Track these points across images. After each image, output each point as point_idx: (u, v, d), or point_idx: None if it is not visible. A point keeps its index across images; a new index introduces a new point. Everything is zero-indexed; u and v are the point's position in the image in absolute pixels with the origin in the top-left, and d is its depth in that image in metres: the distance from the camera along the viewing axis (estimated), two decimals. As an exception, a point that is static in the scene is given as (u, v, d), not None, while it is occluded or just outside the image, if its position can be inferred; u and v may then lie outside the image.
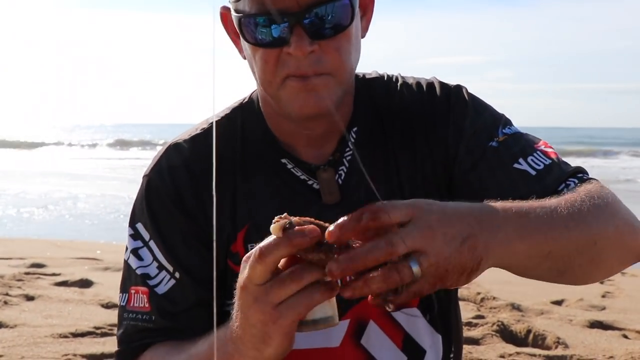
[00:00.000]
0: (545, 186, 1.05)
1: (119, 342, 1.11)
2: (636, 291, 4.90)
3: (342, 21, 1.00)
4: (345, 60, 1.03)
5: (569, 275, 0.96)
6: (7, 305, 4.18)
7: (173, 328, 1.07)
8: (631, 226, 1.02)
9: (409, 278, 0.78)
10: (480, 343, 3.53)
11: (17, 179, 14.85)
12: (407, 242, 0.77)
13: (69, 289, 4.70)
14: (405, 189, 1.14)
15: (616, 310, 4.33)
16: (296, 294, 0.79)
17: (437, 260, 0.78)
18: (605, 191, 1.03)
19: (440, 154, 1.14)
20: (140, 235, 1.13)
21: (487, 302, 4.32)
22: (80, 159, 23.02)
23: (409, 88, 1.19)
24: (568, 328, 3.84)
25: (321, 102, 1.02)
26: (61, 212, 9.80)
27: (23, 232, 7.92)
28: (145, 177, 1.16)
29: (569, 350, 3.42)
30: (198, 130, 1.17)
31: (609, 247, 0.98)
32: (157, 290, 1.09)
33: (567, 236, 0.91)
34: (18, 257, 5.83)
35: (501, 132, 1.13)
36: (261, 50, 1.02)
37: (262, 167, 1.14)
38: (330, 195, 1.12)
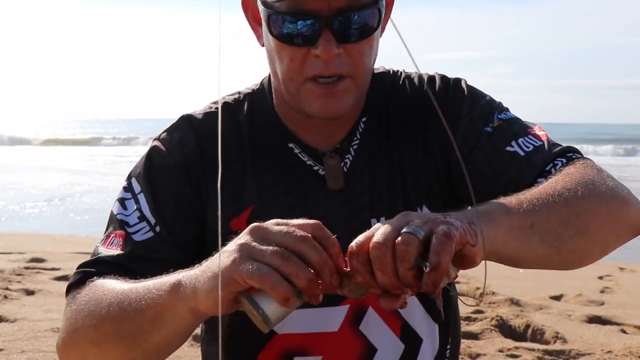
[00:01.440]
0: (533, 166, 1.08)
1: (78, 267, 1.07)
2: (635, 286, 4.91)
3: (369, 27, 1.04)
4: (366, 63, 1.07)
5: (565, 251, 0.96)
6: (7, 299, 4.18)
7: (132, 270, 1.03)
8: (620, 199, 1.02)
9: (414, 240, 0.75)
10: (479, 338, 3.54)
11: (17, 174, 14.86)
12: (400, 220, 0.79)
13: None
14: (408, 179, 1.17)
15: (615, 305, 4.33)
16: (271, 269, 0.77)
17: (428, 218, 0.79)
18: (589, 169, 1.04)
19: (439, 143, 1.17)
20: (132, 188, 1.14)
21: (486, 297, 4.32)
22: (80, 155, 23.02)
23: (411, 82, 1.23)
24: (567, 323, 3.84)
25: (341, 106, 1.07)
26: (60, 208, 9.80)
27: (23, 227, 7.92)
28: (155, 140, 1.18)
29: (568, 345, 3.42)
30: (212, 109, 1.20)
31: (596, 220, 0.98)
32: (134, 237, 1.08)
33: (546, 211, 0.93)
34: (18, 251, 5.83)
35: (496, 118, 1.16)
36: (288, 48, 1.04)
37: (270, 150, 1.16)
38: (334, 182, 1.15)
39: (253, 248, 0.79)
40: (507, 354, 3.27)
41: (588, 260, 1.02)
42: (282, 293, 0.77)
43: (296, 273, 0.77)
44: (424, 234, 0.76)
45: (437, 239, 0.75)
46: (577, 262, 1.01)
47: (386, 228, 0.78)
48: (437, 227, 0.76)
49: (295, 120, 1.16)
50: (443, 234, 0.75)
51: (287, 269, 0.77)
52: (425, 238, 0.76)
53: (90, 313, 0.96)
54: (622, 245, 1.07)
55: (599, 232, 1.00)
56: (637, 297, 4.57)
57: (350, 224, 1.11)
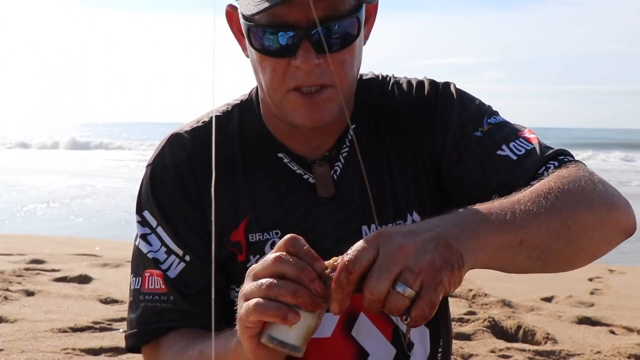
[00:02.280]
0: (525, 170, 1.06)
1: (135, 324, 1.11)
2: (623, 288, 4.92)
3: (348, 36, 1.02)
4: (348, 72, 1.05)
5: (552, 261, 0.94)
6: (8, 300, 4.17)
7: (189, 311, 1.08)
8: (610, 204, 1.00)
9: (405, 301, 0.77)
10: (471, 338, 3.54)
11: (19, 176, 14.82)
12: (392, 272, 0.77)
13: (69, 285, 4.69)
14: (397, 185, 1.16)
15: (604, 306, 4.34)
16: (259, 301, 0.80)
17: (422, 267, 0.78)
18: (580, 173, 1.01)
19: (429, 147, 1.16)
20: (148, 222, 1.14)
21: (478, 299, 4.33)
22: (78, 158, 22.96)
23: (400, 87, 1.21)
24: (557, 324, 3.85)
25: (324, 116, 1.05)
26: (61, 210, 9.78)
27: (23, 229, 7.90)
28: (149, 167, 1.18)
29: (558, 346, 3.43)
30: (199, 123, 1.19)
31: (586, 229, 0.96)
32: (169, 274, 1.10)
33: (536, 225, 0.90)
34: (18, 253, 5.81)
35: (486, 122, 1.14)
36: (269, 60, 1.03)
37: (260, 161, 1.16)
38: (325, 189, 1.14)
39: (245, 292, 0.83)
40: (499, 354, 3.27)
41: (576, 266, 1.00)
42: (276, 314, 0.79)
43: (277, 293, 0.79)
44: (414, 294, 0.78)
45: (419, 309, 0.77)
46: (564, 269, 0.99)
47: (382, 277, 0.77)
48: (425, 289, 0.77)
49: (283, 130, 1.15)
50: (427, 304, 0.77)
51: (271, 293, 0.80)
52: (415, 295, 0.78)
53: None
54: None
55: (589, 241, 0.98)
56: (626, 298, 4.59)
57: (341, 231, 1.12)
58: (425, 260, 0.78)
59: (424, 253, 0.78)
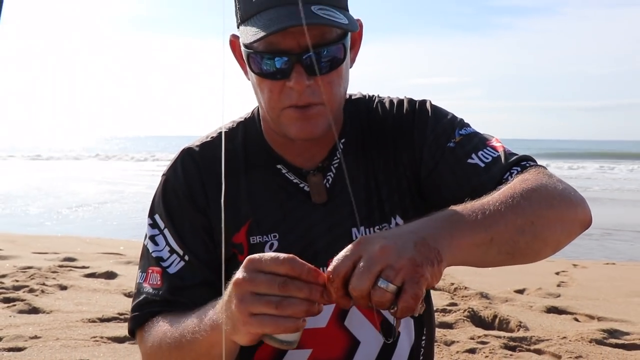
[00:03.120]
0: (492, 176, 1.06)
1: (133, 310, 1.13)
2: (586, 281, 4.93)
3: (335, 60, 1.03)
4: (336, 92, 1.05)
5: (519, 255, 0.94)
6: (44, 293, 4.17)
7: (177, 301, 1.08)
8: (568, 201, 0.99)
9: (388, 295, 0.77)
10: (453, 327, 3.54)
11: (55, 184, 14.81)
12: (372, 270, 0.77)
13: (97, 280, 4.69)
14: (382, 192, 1.16)
15: (569, 297, 4.34)
16: (273, 316, 0.80)
17: (403, 264, 0.77)
18: (541, 175, 1.01)
19: (408, 158, 1.16)
20: (157, 224, 1.15)
21: (459, 292, 4.33)
22: (111, 168, 22.96)
23: (383, 106, 1.21)
24: (528, 313, 3.85)
25: (315, 129, 1.05)
26: (90, 214, 9.78)
27: (58, 230, 7.90)
28: (164, 176, 1.19)
29: (529, 332, 3.43)
30: (208, 139, 1.20)
31: (549, 224, 0.95)
32: (169, 270, 1.11)
33: (504, 223, 0.90)
34: (53, 252, 5.81)
35: (457, 134, 1.14)
36: (267, 82, 1.03)
37: (261, 172, 1.16)
38: (318, 196, 1.14)
39: (250, 303, 0.81)
40: (477, 341, 3.27)
41: (541, 258, 1.00)
42: (290, 329, 0.80)
43: (292, 312, 0.79)
44: (396, 288, 0.77)
45: (404, 302, 0.77)
46: (531, 261, 0.99)
47: (363, 277, 0.77)
48: (408, 284, 0.77)
49: (281, 144, 1.15)
50: (411, 296, 0.76)
51: (285, 313, 0.79)
52: (398, 288, 0.77)
53: (157, 353, 1.04)
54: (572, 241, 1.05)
55: (552, 234, 0.97)
56: (588, 290, 4.59)
57: (333, 233, 1.12)
58: (405, 257, 0.77)
59: (403, 251, 0.78)
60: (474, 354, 3.10)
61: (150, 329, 1.07)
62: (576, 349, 3.19)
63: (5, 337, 3.22)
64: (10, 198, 11.61)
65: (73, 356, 2.95)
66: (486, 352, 3.10)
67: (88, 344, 3.17)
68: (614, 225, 8.37)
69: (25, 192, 12.85)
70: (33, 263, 5.13)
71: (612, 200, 12.27)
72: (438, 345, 3.21)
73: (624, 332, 3.47)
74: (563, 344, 3.24)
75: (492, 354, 3.08)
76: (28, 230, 7.70)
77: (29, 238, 6.76)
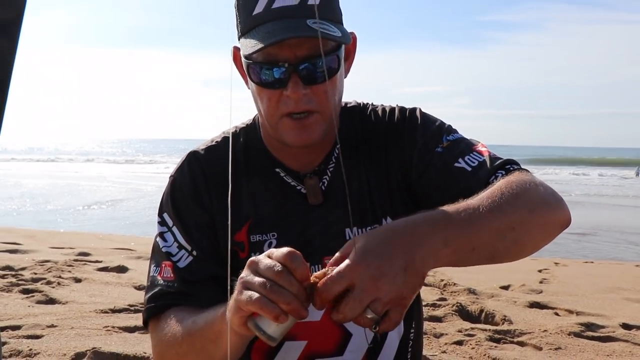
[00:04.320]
0: (479, 179, 1.04)
1: (149, 301, 1.10)
2: (566, 277, 4.93)
3: (331, 70, 1.02)
4: (331, 100, 1.04)
5: (498, 258, 0.92)
6: (60, 285, 4.16)
7: (189, 294, 1.07)
8: (548, 205, 0.97)
9: (371, 322, 0.78)
10: (442, 320, 3.53)
11: (70, 183, 14.79)
12: (364, 303, 0.77)
13: (109, 274, 4.68)
14: (374, 195, 1.15)
15: (550, 293, 4.34)
16: (261, 296, 0.78)
17: (391, 298, 0.78)
18: (524, 179, 0.99)
19: (399, 163, 1.15)
20: (166, 222, 1.14)
21: (448, 287, 4.32)
22: (120, 170, 22.94)
23: (376, 113, 1.20)
24: (512, 308, 3.85)
25: (310, 136, 1.05)
26: (103, 211, 9.76)
27: (73, 227, 7.88)
28: (171, 177, 1.18)
29: (513, 326, 3.43)
30: (213, 143, 1.20)
31: (528, 228, 0.93)
32: (179, 264, 1.10)
33: (487, 230, 0.87)
34: (69, 247, 5.81)
35: (445, 139, 1.12)
36: (265, 91, 1.03)
37: (260, 175, 1.16)
38: (314, 198, 1.13)
39: (247, 281, 0.81)
40: (465, 333, 3.26)
41: (518, 259, 0.97)
42: (271, 312, 0.77)
43: (277, 299, 0.77)
44: (380, 317, 0.78)
45: (386, 326, 0.78)
46: (506, 261, 0.96)
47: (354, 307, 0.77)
48: (392, 312, 0.78)
49: (279, 149, 1.15)
50: (394, 322, 0.78)
51: (272, 296, 0.78)
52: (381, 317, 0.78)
53: (170, 342, 1.02)
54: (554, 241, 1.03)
55: (531, 239, 0.95)
56: (568, 286, 4.59)
57: (329, 233, 1.12)
58: (394, 293, 0.78)
59: (394, 287, 0.77)
60: (462, 346, 3.10)
61: (165, 318, 1.06)
62: (556, 341, 3.19)
63: (25, 326, 3.22)
64: (30, 197, 11.59)
65: (87, 344, 2.94)
66: (473, 344, 3.10)
67: (101, 333, 3.16)
68: (592, 227, 8.38)
69: (45, 191, 12.83)
70: (50, 257, 5.13)
71: (591, 203, 12.29)
72: (428, 337, 3.20)
73: (600, 325, 3.47)
74: (544, 337, 3.25)
75: (478, 345, 3.08)
76: (46, 226, 7.69)
77: (47, 234, 6.75)
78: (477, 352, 3.00)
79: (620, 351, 3.12)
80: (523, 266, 5.40)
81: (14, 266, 4.65)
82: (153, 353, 1.08)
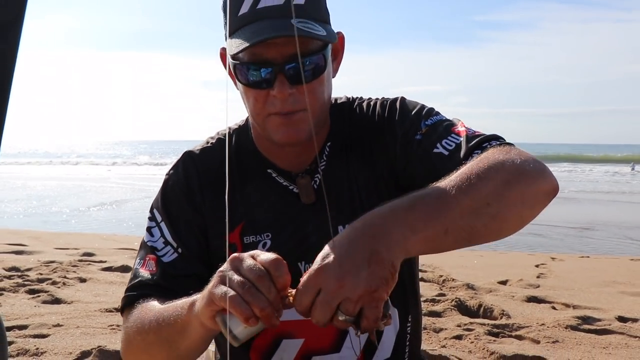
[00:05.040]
0: (456, 162, 0.97)
1: (127, 290, 1.09)
2: (563, 272, 4.93)
3: (316, 70, 1.00)
4: (318, 99, 1.03)
5: (479, 237, 0.86)
6: (65, 285, 4.17)
7: (169, 288, 1.05)
8: (526, 174, 0.90)
9: (348, 324, 0.76)
10: (441, 315, 3.54)
11: (76, 185, 14.78)
12: (332, 305, 0.75)
13: (113, 273, 4.68)
14: (363, 192, 1.13)
15: (547, 287, 4.34)
16: (236, 295, 0.77)
17: (359, 295, 0.74)
18: (497, 154, 0.93)
19: (384, 158, 1.12)
20: (155, 218, 1.14)
21: (447, 283, 4.33)
22: (125, 173, 22.95)
23: (361, 108, 1.19)
24: (510, 302, 3.85)
25: (298, 134, 1.03)
26: (106, 212, 9.76)
27: (77, 228, 7.88)
28: (166, 176, 1.18)
29: (511, 320, 3.43)
30: (207, 144, 1.19)
31: (507, 202, 0.86)
32: (163, 259, 1.09)
33: (459, 210, 0.82)
34: (73, 247, 5.81)
35: (424, 125, 1.08)
36: (252, 91, 1.02)
37: (253, 175, 1.14)
38: (307, 197, 1.12)
39: (226, 276, 0.78)
40: (464, 328, 3.26)
41: (504, 235, 0.90)
42: (242, 313, 0.76)
43: (252, 301, 0.76)
44: (354, 317, 0.75)
45: (365, 325, 0.76)
46: (493, 240, 0.90)
47: (323, 311, 0.76)
48: (367, 309, 0.75)
49: (270, 150, 1.14)
50: (372, 320, 0.75)
51: (247, 298, 0.76)
52: (358, 316, 0.75)
53: (138, 329, 1.00)
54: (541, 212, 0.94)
55: (511, 212, 0.88)
56: (565, 280, 4.59)
57: (322, 231, 1.09)
58: (361, 289, 0.74)
59: (359, 282, 0.74)
60: (461, 340, 3.10)
61: (139, 306, 1.05)
62: (553, 335, 3.19)
63: (31, 325, 3.23)
64: (37, 199, 11.60)
65: (92, 342, 2.94)
66: (472, 338, 3.11)
67: (105, 332, 3.16)
68: (588, 222, 8.38)
69: (50, 192, 12.84)
70: (55, 258, 5.13)
71: (587, 199, 12.30)
72: (427, 332, 3.21)
73: (596, 318, 3.48)
74: (541, 330, 3.25)
75: (477, 339, 3.08)
76: (51, 228, 7.69)
77: (52, 235, 6.76)
78: (476, 346, 3.00)
79: (617, 343, 3.13)
80: (520, 261, 5.41)
81: (20, 267, 4.65)
82: (121, 341, 1.06)
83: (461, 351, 2.96)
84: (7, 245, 5.69)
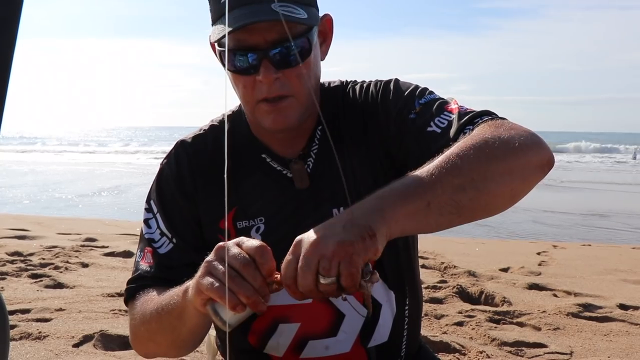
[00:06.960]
0: (448, 140, 0.98)
1: (128, 283, 1.12)
2: (564, 260, 4.93)
3: (301, 53, 0.99)
4: (305, 84, 1.02)
5: (467, 212, 0.85)
6: (68, 270, 4.18)
7: (165, 278, 1.07)
8: (515, 148, 0.88)
9: (332, 286, 0.75)
10: (443, 302, 3.55)
11: (79, 171, 14.80)
12: (311, 267, 0.75)
13: (115, 259, 4.69)
14: (357, 174, 1.12)
15: (549, 275, 4.35)
16: (222, 284, 0.78)
17: (333, 250, 0.74)
18: (486, 129, 0.92)
19: (379, 138, 1.11)
20: (152, 209, 1.14)
21: (449, 270, 4.33)
22: (127, 158, 22.98)
23: (354, 91, 1.17)
24: (512, 290, 3.85)
25: (287, 120, 1.03)
26: (109, 198, 9.78)
27: (80, 213, 7.90)
28: (160, 166, 1.18)
29: (512, 307, 3.44)
30: (201, 131, 1.19)
31: (493, 176, 0.85)
32: (159, 251, 1.10)
33: (439, 186, 0.82)
34: (75, 232, 5.82)
35: (417, 104, 1.08)
36: (240, 77, 1.02)
37: (247, 161, 1.14)
38: (301, 182, 1.11)
39: (212, 266, 0.80)
40: (465, 314, 3.27)
41: (497, 211, 0.89)
42: (229, 302, 0.77)
43: (238, 290, 0.77)
44: (335, 278, 0.75)
45: (344, 282, 0.75)
46: (485, 216, 0.89)
47: (305, 276, 0.76)
48: (343, 265, 0.74)
49: (264, 135, 1.13)
50: (348, 276, 0.74)
51: (233, 287, 0.77)
52: (339, 275, 0.75)
53: (141, 320, 1.04)
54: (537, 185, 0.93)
55: (500, 186, 0.86)
56: (566, 268, 4.59)
57: (317, 214, 1.08)
58: (333, 242, 0.74)
59: (331, 237, 0.75)
60: (462, 327, 3.11)
61: (140, 297, 1.07)
62: (554, 322, 3.20)
63: (34, 310, 3.24)
64: (40, 184, 11.62)
65: (94, 327, 2.95)
66: (473, 324, 3.11)
67: (107, 316, 3.18)
68: (589, 210, 8.37)
69: (54, 178, 12.86)
70: (58, 243, 5.14)
71: (588, 188, 12.28)
72: (429, 318, 3.21)
73: (597, 306, 3.48)
74: (543, 317, 3.26)
75: (478, 326, 3.09)
76: (53, 213, 7.70)
77: (54, 220, 6.77)
78: (477, 333, 3.01)
79: (617, 331, 3.13)
80: (522, 249, 5.41)
81: (23, 252, 4.67)
82: (129, 333, 1.10)
83: (462, 337, 2.96)
84: (10, 230, 5.71)
